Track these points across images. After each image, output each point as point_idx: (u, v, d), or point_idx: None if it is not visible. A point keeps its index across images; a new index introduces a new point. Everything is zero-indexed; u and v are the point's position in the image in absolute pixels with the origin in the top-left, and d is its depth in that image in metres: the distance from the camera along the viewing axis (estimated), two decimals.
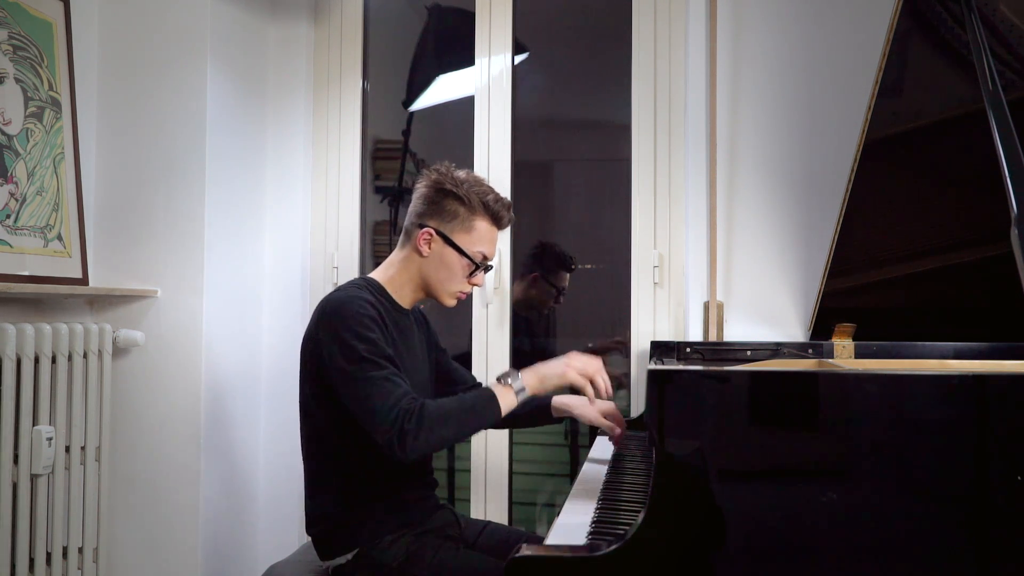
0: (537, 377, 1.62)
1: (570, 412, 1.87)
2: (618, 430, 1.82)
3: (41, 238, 2.15)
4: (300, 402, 1.72)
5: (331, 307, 1.65)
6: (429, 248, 1.72)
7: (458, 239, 1.72)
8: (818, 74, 2.31)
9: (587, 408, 1.82)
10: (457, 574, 1.61)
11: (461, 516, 1.84)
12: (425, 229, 1.72)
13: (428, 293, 1.78)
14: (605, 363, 1.68)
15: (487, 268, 1.79)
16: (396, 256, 1.79)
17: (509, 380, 1.60)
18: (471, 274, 1.75)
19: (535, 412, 1.90)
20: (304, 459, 1.73)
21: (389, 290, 1.76)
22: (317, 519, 1.70)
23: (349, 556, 1.65)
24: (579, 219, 3.08)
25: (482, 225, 1.73)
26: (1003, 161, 1.41)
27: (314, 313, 1.70)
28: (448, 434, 1.54)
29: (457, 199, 1.71)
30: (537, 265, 2.81)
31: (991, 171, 1.43)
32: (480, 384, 1.98)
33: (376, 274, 1.80)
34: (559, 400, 1.89)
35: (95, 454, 2.23)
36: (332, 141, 2.76)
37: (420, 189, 1.76)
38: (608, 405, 1.82)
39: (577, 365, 1.63)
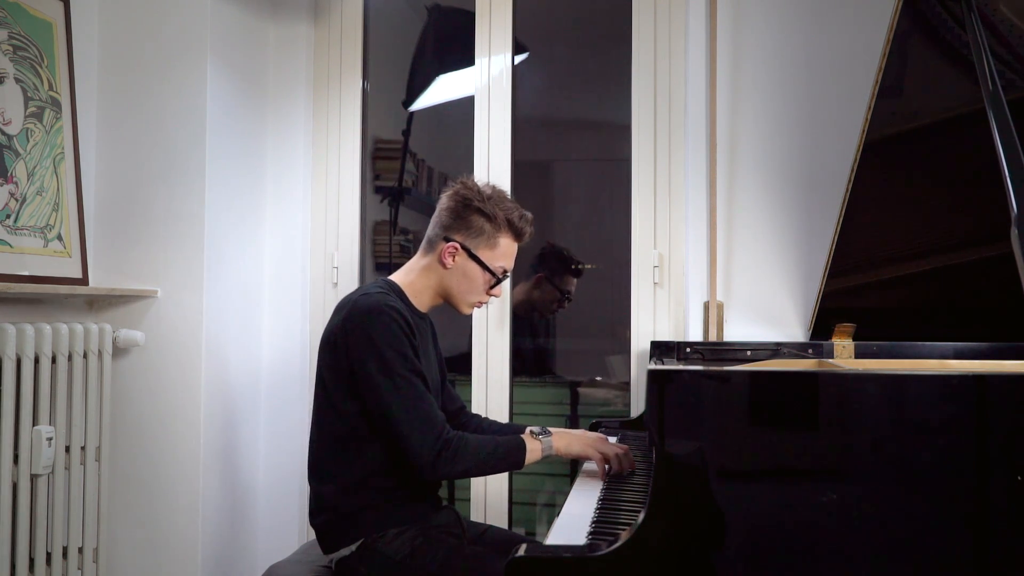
0: (565, 442, 1.73)
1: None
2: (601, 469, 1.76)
3: (41, 238, 2.15)
4: (316, 393, 1.75)
5: (363, 310, 1.67)
6: (453, 261, 1.78)
7: (482, 254, 1.79)
8: (818, 74, 2.31)
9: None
10: (461, 572, 1.62)
11: (463, 518, 1.85)
12: (451, 243, 1.78)
13: (447, 301, 1.84)
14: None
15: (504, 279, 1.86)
16: (417, 263, 1.84)
17: (540, 436, 1.70)
18: (491, 287, 1.82)
19: None
20: (312, 448, 1.75)
21: (408, 294, 1.81)
22: (322, 509, 1.71)
23: (353, 548, 1.66)
24: (579, 219, 3.08)
25: (505, 241, 1.81)
26: (1003, 161, 1.41)
27: (339, 310, 1.74)
28: (475, 471, 1.68)
29: (484, 216, 1.78)
30: (543, 267, 2.79)
31: (991, 171, 1.43)
32: (465, 406, 2.04)
33: (396, 277, 1.84)
34: None
35: (95, 454, 2.23)
36: (332, 141, 2.75)
37: (446, 202, 1.81)
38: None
39: (603, 449, 1.74)
